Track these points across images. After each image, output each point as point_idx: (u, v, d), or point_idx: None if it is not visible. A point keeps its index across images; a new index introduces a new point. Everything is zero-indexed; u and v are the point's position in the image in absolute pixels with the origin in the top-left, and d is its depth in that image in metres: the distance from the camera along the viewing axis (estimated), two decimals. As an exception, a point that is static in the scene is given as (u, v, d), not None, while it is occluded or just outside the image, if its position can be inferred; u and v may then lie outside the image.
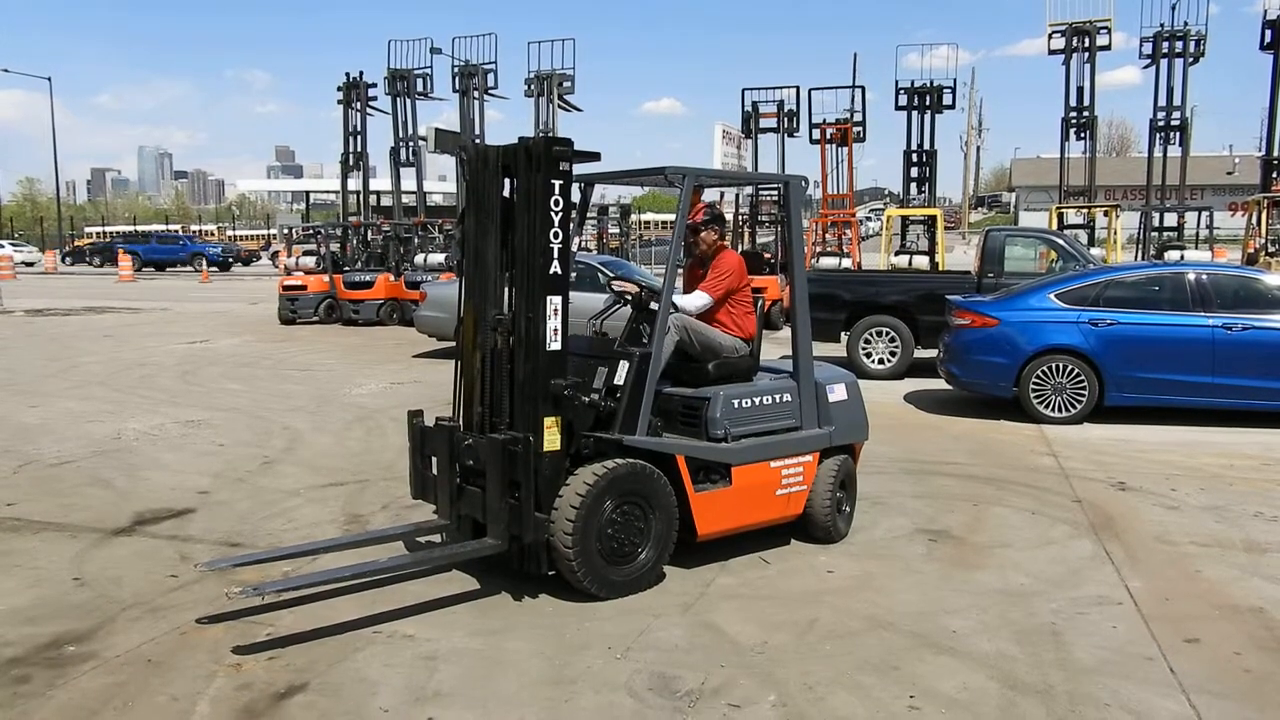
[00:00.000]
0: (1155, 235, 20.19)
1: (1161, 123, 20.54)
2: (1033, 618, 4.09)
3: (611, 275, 8.66)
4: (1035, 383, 8.29)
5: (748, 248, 20.82)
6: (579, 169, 4.34)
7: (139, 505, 5.69)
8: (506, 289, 4.31)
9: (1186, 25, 20.29)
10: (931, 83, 21.56)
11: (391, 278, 17.43)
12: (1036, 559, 4.85)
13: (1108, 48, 20.99)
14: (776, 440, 4.81)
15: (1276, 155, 19.78)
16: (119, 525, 5.31)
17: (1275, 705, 3.36)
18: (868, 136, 22.19)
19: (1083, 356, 8.18)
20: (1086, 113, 21.08)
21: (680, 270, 5.23)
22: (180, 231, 57.64)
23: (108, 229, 66.29)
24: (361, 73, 23.02)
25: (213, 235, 66.83)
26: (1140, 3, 20.50)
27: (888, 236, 20.28)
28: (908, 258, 19.10)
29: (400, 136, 23.10)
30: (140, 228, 61.86)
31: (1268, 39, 19.73)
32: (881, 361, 10.79)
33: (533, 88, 22.80)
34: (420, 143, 22.72)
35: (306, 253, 22.28)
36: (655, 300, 4.69)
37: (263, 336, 15.21)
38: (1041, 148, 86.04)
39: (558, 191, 4.13)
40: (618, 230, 29.68)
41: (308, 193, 61.92)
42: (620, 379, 4.43)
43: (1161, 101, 20.51)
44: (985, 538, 5.21)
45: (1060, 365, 8.23)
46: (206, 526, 5.31)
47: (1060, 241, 12.41)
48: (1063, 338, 8.26)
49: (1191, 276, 8.40)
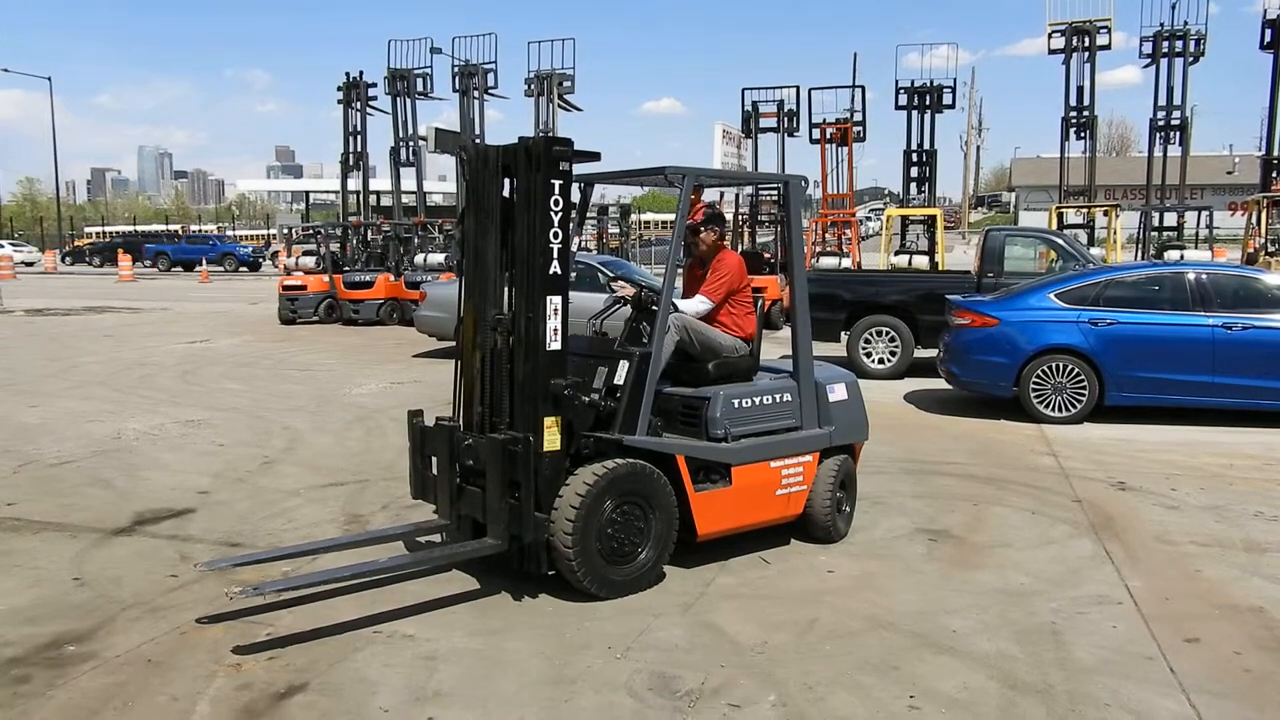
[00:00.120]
0: (1155, 235, 20.21)
1: (1161, 122, 20.56)
2: (1033, 617, 4.09)
3: (611, 275, 8.67)
4: (1035, 382, 8.29)
5: (748, 248, 20.82)
6: (579, 169, 4.34)
7: (139, 505, 5.69)
8: (506, 289, 4.31)
9: (1186, 25, 20.33)
10: (931, 82, 21.57)
11: (391, 278, 17.43)
12: (1036, 559, 4.85)
13: (1108, 47, 21.02)
14: (776, 440, 4.82)
15: (1276, 155, 19.79)
16: (119, 525, 5.31)
17: (1275, 705, 3.36)
18: (868, 136, 22.24)
19: (1083, 356, 8.18)
20: (1086, 112, 21.09)
21: (680, 270, 5.23)
22: (215, 231, 58.56)
23: (107, 229, 66.25)
24: (361, 73, 23.08)
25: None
26: (1140, 2, 20.57)
27: (887, 236, 20.28)
28: (908, 257, 19.10)
29: (400, 136, 23.11)
30: (140, 227, 62.05)
31: (1267, 38, 19.74)
32: (881, 361, 10.79)
33: (533, 87, 22.81)
34: (420, 143, 22.72)
35: (306, 253, 22.29)
36: (655, 300, 4.69)
37: (263, 336, 15.21)
38: (1041, 147, 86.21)
39: (557, 191, 4.13)
40: (618, 230, 29.69)
41: (307, 193, 61.93)
42: (620, 379, 4.43)
43: (1161, 101, 20.54)
44: (985, 537, 5.21)
45: (1060, 365, 8.23)
46: (206, 526, 5.31)
47: (1060, 241, 12.41)
48: (1063, 337, 8.26)
49: (1191, 276, 8.40)
